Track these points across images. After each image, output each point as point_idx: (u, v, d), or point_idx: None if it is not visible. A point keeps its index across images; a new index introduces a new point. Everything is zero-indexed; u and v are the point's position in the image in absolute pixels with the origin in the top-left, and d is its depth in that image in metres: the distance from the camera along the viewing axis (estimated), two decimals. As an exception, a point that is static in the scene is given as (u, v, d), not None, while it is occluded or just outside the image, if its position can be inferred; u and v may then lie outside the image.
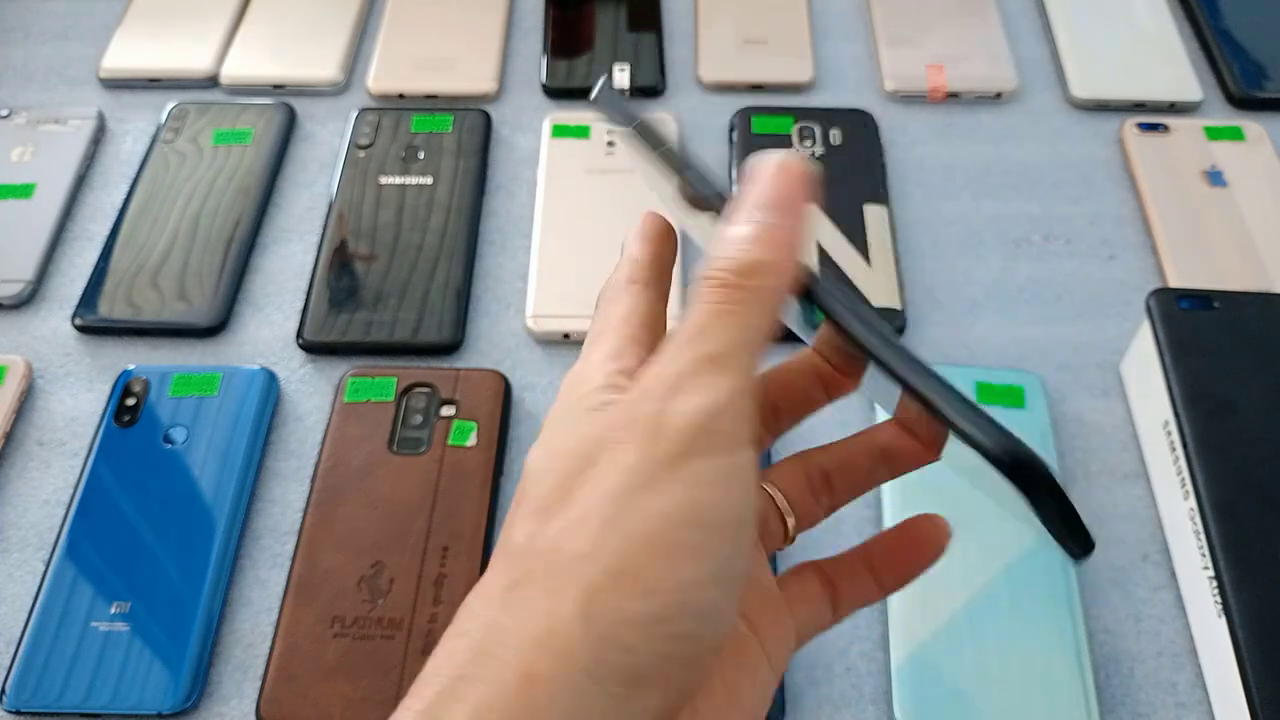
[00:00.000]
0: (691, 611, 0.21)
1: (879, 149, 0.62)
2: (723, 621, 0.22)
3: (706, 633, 0.21)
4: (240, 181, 0.60)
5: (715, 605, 0.21)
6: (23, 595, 0.46)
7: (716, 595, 0.21)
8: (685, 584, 0.21)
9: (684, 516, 0.21)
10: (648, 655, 0.21)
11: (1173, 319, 0.48)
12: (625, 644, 0.20)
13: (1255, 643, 0.40)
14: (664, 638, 0.21)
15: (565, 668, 0.20)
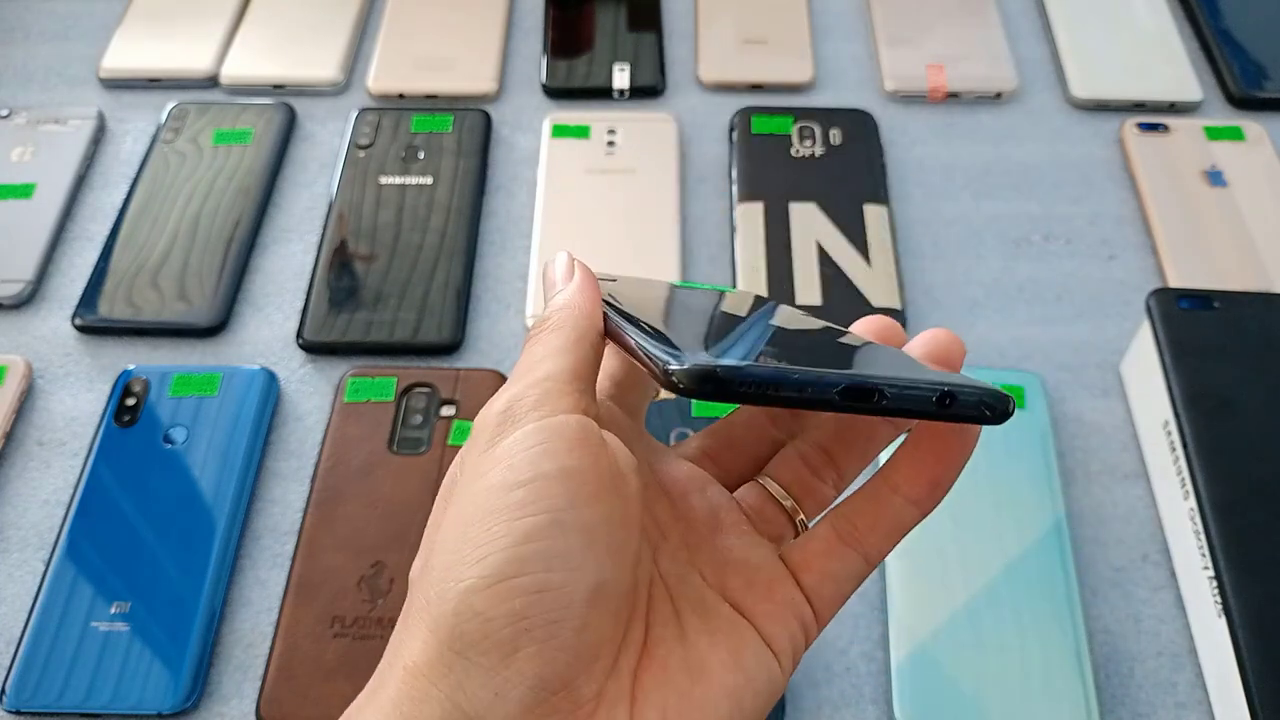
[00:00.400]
0: (532, 564, 0.21)
1: (879, 149, 0.62)
2: (575, 568, 0.22)
3: (561, 583, 0.21)
4: (240, 181, 0.60)
5: (558, 553, 0.22)
6: (23, 595, 0.46)
7: (558, 543, 0.22)
8: (516, 539, 0.21)
9: (501, 481, 0.22)
10: (502, 617, 0.21)
11: (1173, 319, 0.48)
12: (477, 611, 0.21)
13: (1255, 643, 0.40)
14: (510, 594, 0.21)
15: (435, 651, 0.21)
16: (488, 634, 0.21)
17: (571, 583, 0.22)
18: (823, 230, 0.57)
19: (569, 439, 0.23)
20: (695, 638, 0.24)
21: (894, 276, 0.55)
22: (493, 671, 0.21)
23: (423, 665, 0.21)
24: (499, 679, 0.21)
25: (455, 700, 0.21)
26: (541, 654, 0.21)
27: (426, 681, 0.21)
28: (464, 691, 0.21)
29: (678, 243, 0.58)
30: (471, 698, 0.21)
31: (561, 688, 0.22)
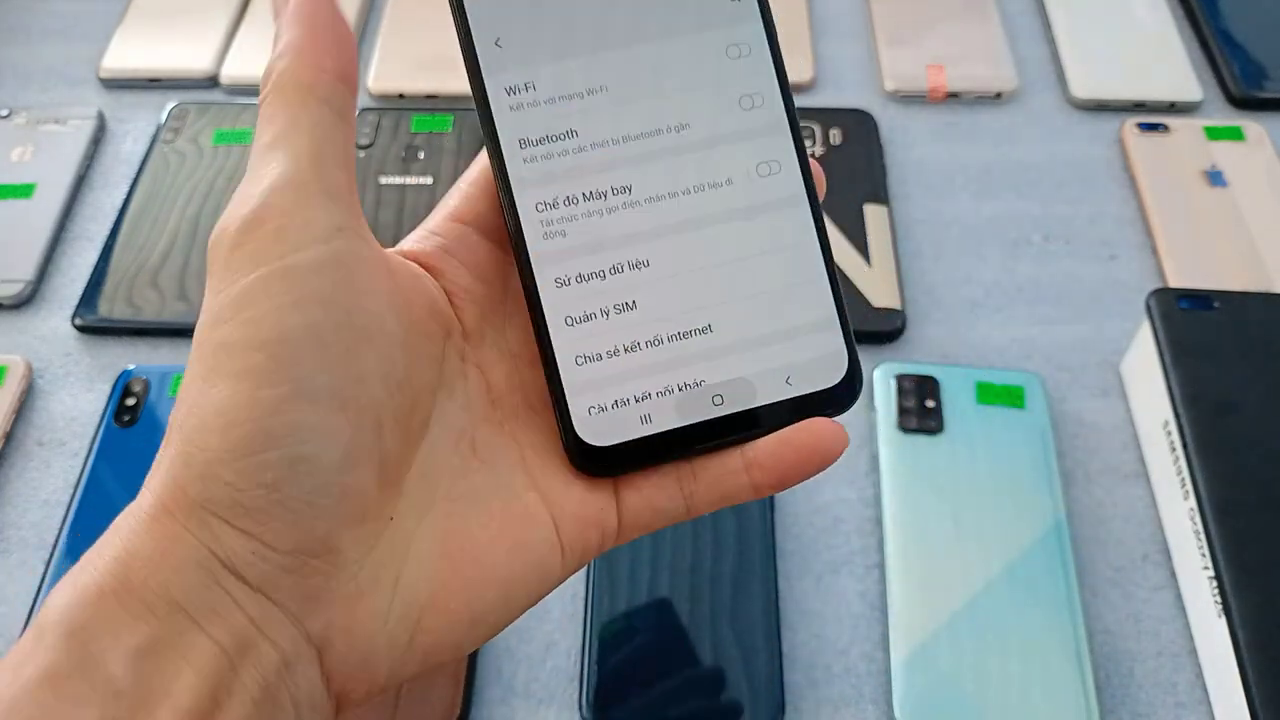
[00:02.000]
0: (281, 438, 0.20)
1: (879, 149, 0.62)
2: (331, 438, 0.20)
3: (313, 452, 0.20)
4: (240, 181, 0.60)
5: (310, 425, 0.20)
6: (23, 595, 0.46)
7: (309, 413, 0.20)
8: (265, 410, 0.20)
9: (242, 339, 0.20)
10: (253, 489, 0.20)
11: (1173, 319, 0.48)
12: (225, 480, 0.20)
13: (1255, 643, 0.40)
14: (260, 468, 0.20)
15: (186, 504, 0.20)
16: (240, 501, 0.20)
17: (323, 451, 0.20)
18: (823, 230, 0.57)
19: (316, 287, 0.21)
20: (486, 518, 0.23)
21: (894, 276, 0.55)
22: (248, 534, 0.20)
23: (174, 509, 0.20)
24: (255, 541, 0.20)
25: (211, 548, 0.20)
26: (298, 523, 0.20)
27: (178, 525, 0.20)
28: (220, 543, 0.20)
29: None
30: (228, 550, 0.20)
31: (324, 551, 0.21)
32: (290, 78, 0.22)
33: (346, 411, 0.21)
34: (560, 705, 0.43)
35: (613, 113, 0.24)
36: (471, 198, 0.25)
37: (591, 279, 0.24)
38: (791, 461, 0.24)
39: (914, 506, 0.47)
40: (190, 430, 0.20)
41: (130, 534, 0.20)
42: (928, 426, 0.49)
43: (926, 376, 0.50)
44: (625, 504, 0.24)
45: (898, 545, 0.46)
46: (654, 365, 0.24)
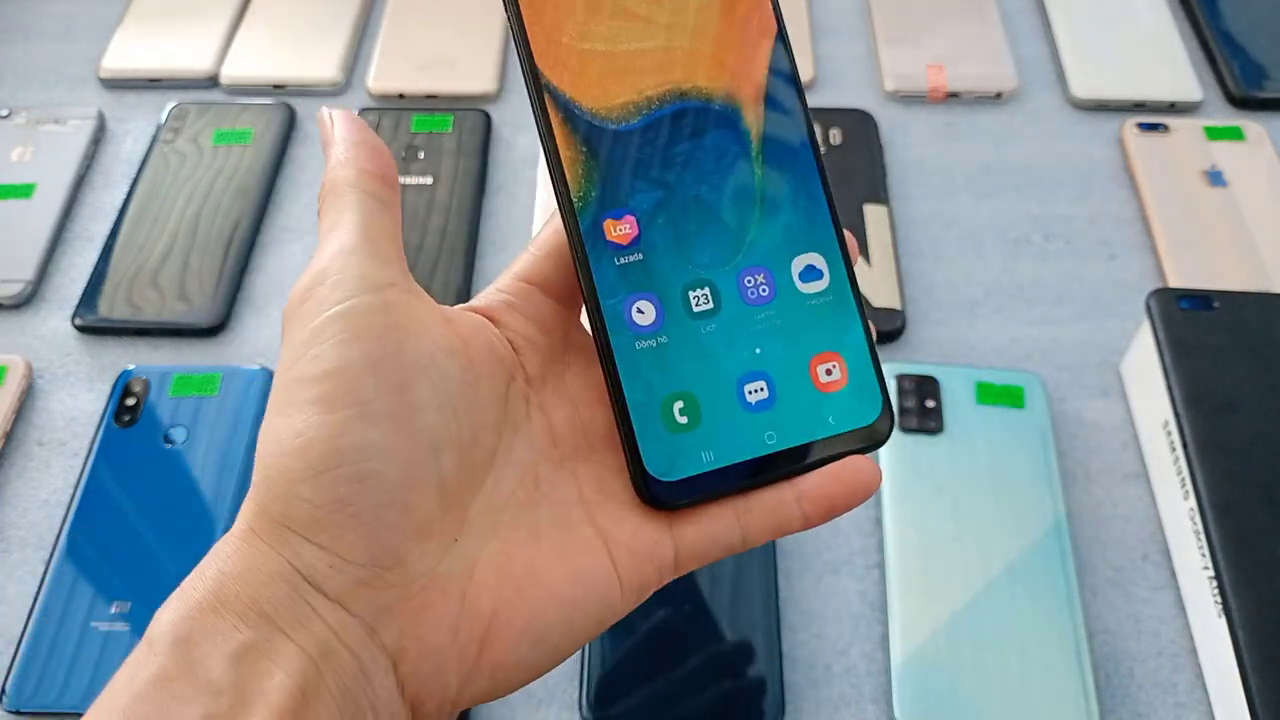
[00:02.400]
0: (349, 455, 0.23)
1: (879, 149, 0.62)
2: (395, 457, 0.23)
3: (378, 469, 0.23)
4: (240, 181, 0.60)
5: (373, 443, 0.23)
6: (23, 595, 0.46)
7: (371, 433, 0.23)
8: (333, 431, 0.23)
9: (310, 374, 0.23)
10: (328, 504, 0.22)
11: (1173, 319, 0.48)
12: (304, 497, 0.22)
13: (1255, 643, 0.40)
14: (334, 483, 0.22)
15: (270, 524, 0.23)
16: (317, 518, 0.22)
17: (388, 469, 0.23)
18: (823, 230, 0.57)
19: (369, 324, 0.24)
20: (546, 545, 0.25)
21: (894, 276, 0.55)
22: (325, 549, 0.23)
23: (260, 530, 0.23)
24: (332, 555, 0.23)
25: (293, 564, 0.23)
26: (370, 534, 0.23)
27: (264, 544, 0.23)
28: (300, 558, 0.23)
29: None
30: (308, 565, 0.23)
31: (393, 564, 0.23)
32: (339, 179, 0.26)
33: (403, 434, 0.23)
34: (560, 705, 0.43)
35: (685, 237, 0.27)
36: (538, 260, 0.28)
37: (660, 348, 0.26)
38: (839, 495, 0.26)
39: (914, 506, 0.47)
40: (271, 456, 0.23)
41: (224, 556, 0.23)
42: (928, 426, 0.49)
43: (926, 376, 0.50)
44: (682, 536, 0.26)
45: (898, 545, 0.46)
46: (714, 415, 0.26)
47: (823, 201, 0.28)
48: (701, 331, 0.27)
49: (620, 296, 0.26)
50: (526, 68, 0.26)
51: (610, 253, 0.26)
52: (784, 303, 0.27)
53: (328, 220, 0.26)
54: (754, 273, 0.27)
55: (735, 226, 0.27)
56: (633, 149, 0.27)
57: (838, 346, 0.27)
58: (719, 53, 0.27)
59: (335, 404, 0.23)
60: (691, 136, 0.27)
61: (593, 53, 0.26)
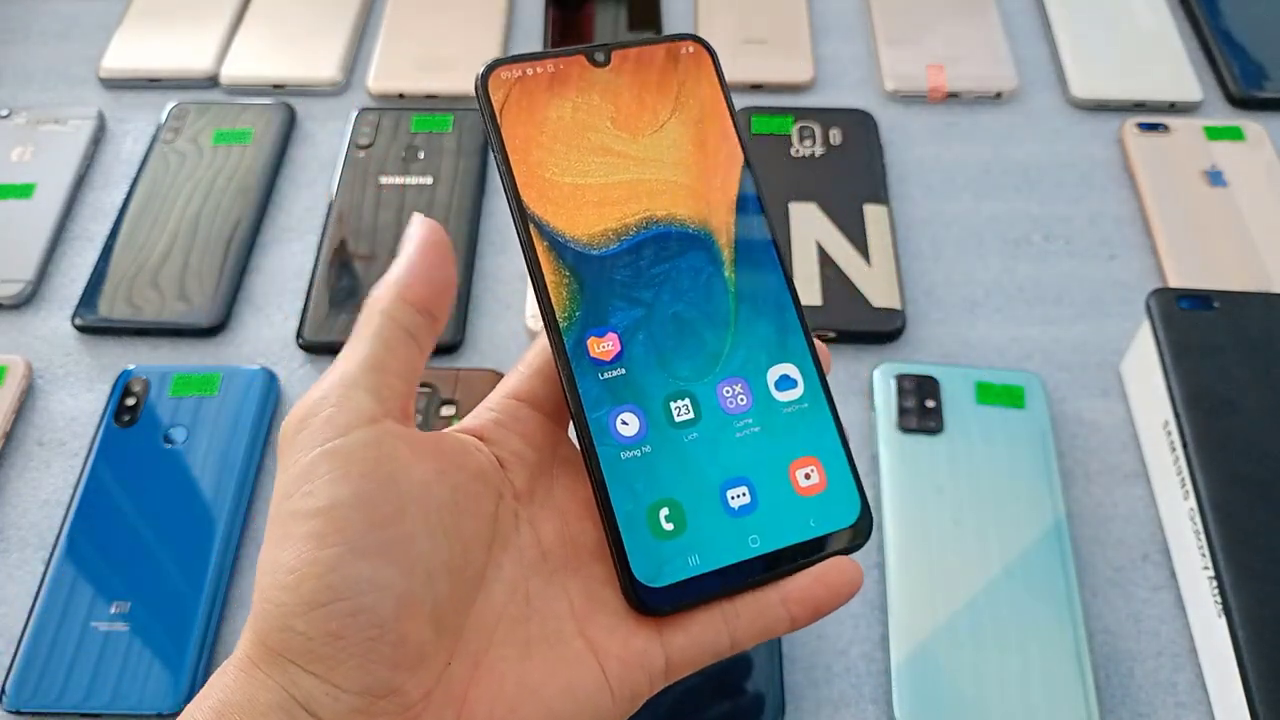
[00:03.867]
0: (341, 590, 0.23)
1: (879, 149, 0.62)
2: (385, 591, 0.23)
3: (371, 604, 0.23)
4: (240, 181, 0.60)
5: (364, 578, 0.23)
6: (23, 595, 0.46)
7: (363, 568, 0.23)
8: (324, 568, 0.23)
9: (303, 509, 0.24)
10: (321, 637, 0.23)
11: (1173, 319, 0.48)
12: (298, 630, 0.23)
13: (1255, 643, 0.40)
14: (326, 618, 0.23)
15: (267, 654, 0.23)
16: (311, 649, 0.23)
17: (379, 602, 0.23)
18: (823, 230, 0.57)
19: (361, 460, 0.24)
20: (538, 662, 0.26)
21: (894, 276, 0.55)
22: (321, 678, 0.23)
23: (258, 660, 0.23)
24: (328, 684, 0.23)
25: (290, 693, 0.23)
26: (363, 666, 0.23)
27: (263, 673, 0.23)
28: (298, 687, 0.23)
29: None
30: (305, 693, 0.23)
31: (387, 693, 0.23)
32: (374, 301, 0.27)
33: (395, 566, 0.24)
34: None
35: (665, 352, 0.29)
36: (526, 378, 0.29)
37: (645, 458, 0.28)
38: (823, 597, 0.27)
39: (914, 506, 0.47)
40: (267, 588, 0.23)
41: (224, 685, 0.24)
42: (928, 426, 0.49)
43: (926, 376, 0.50)
44: (671, 644, 0.27)
45: (898, 545, 0.46)
46: (698, 521, 0.27)
47: (793, 313, 0.29)
48: (684, 440, 0.28)
49: (605, 409, 0.27)
50: (512, 200, 0.28)
51: (594, 368, 0.28)
52: (761, 411, 0.28)
53: (349, 340, 0.27)
54: (731, 383, 0.28)
55: (712, 340, 0.29)
56: (613, 271, 0.28)
57: (815, 451, 0.29)
58: (690, 182, 0.29)
59: (326, 541, 0.23)
60: (668, 259, 0.29)
61: (573, 185, 0.28)
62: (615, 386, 0.28)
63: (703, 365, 0.28)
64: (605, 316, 0.28)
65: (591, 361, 0.28)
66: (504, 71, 0.28)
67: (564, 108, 0.28)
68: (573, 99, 0.29)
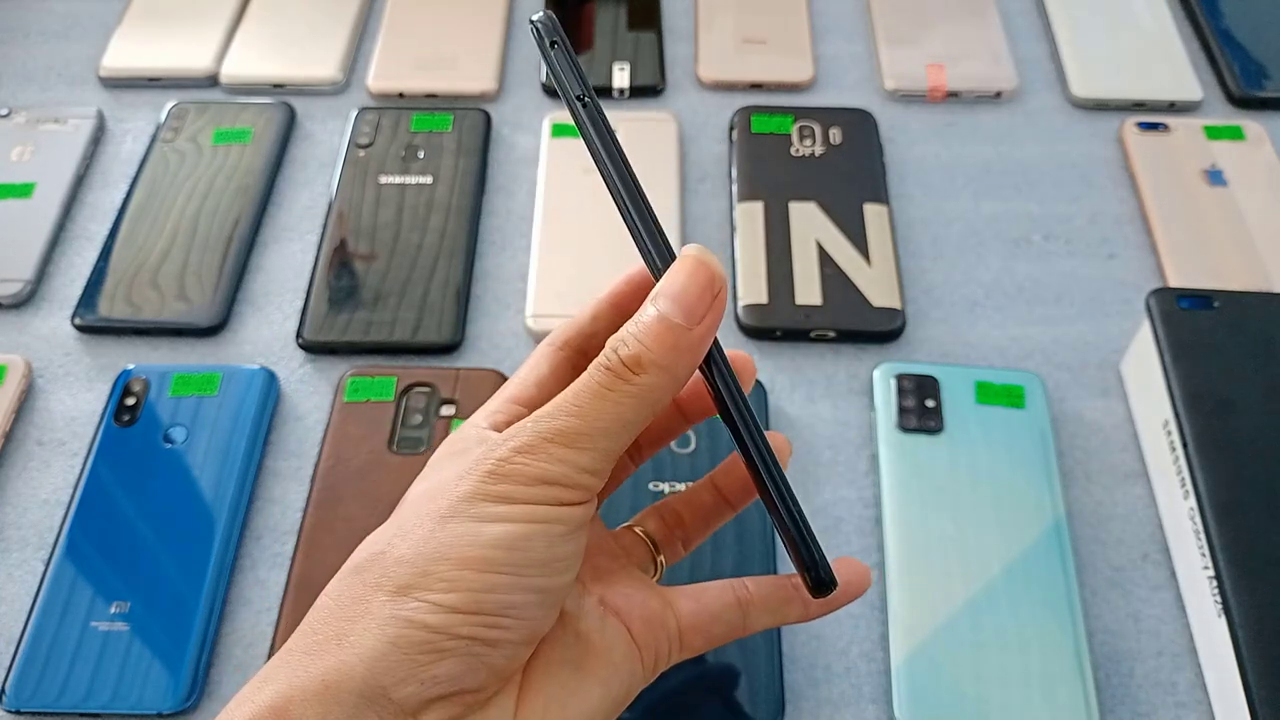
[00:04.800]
0: (489, 608, 0.24)
1: (879, 148, 0.61)
2: (521, 619, 0.25)
3: (508, 625, 0.24)
4: (240, 181, 0.60)
5: (513, 606, 0.24)
6: (23, 595, 0.46)
7: (515, 599, 0.24)
8: (483, 587, 0.24)
9: (490, 539, 0.24)
10: (448, 635, 0.24)
11: (1173, 319, 0.48)
12: (426, 624, 0.24)
13: (1255, 643, 0.40)
14: (463, 625, 0.24)
15: (374, 635, 0.24)
16: (429, 642, 0.24)
17: (516, 629, 0.25)
18: (823, 230, 0.57)
19: (563, 534, 0.25)
20: (582, 639, 0.27)
21: (894, 276, 0.55)
22: (422, 667, 0.24)
23: (354, 637, 0.24)
24: (422, 673, 0.24)
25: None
26: (469, 666, 0.24)
27: (357, 651, 0.24)
28: (385, 668, 0.24)
29: (678, 242, 0.58)
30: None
31: (475, 689, 0.25)
32: (656, 398, 0.26)
33: (542, 607, 0.26)
34: (560, 705, 0.43)
35: None
36: (526, 389, 0.30)
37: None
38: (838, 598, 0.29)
39: (914, 506, 0.47)
40: (409, 586, 0.25)
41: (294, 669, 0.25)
42: (928, 426, 0.49)
43: (926, 376, 0.50)
44: (681, 609, 0.29)
45: (898, 545, 0.46)
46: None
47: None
48: None
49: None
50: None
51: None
52: None
53: (613, 412, 0.25)
54: None
55: None
56: None
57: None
58: None
59: (499, 568, 0.24)
60: None
61: None
62: None
63: None
64: None
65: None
66: None
67: None
68: None
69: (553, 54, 0.27)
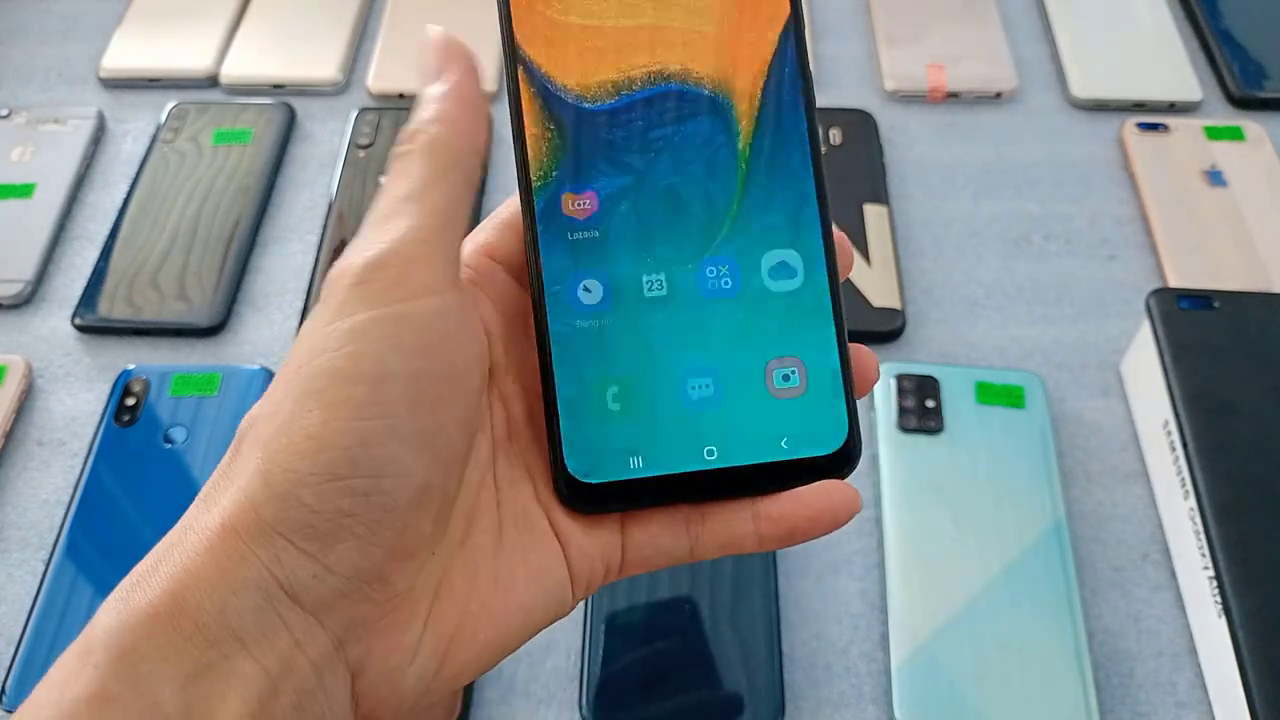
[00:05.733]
0: (365, 468, 0.21)
1: (879, 149, 0.62)
2: (408, 478, 0.22)
3: (389, 489, 0.21)
4: (240, 181, 0.60)
5: (394, 460, 0.21)
6: (23, 595, 0.46)
7: (395, 449, 0.21)
8: (355, 440, 0.21)
9: (346, 371, 0.21)
10: (328, 512, 0.21)
11: (1173, 319, 0.48)
12: (303, 502, 0.21)
13: (1255, 643, 0.40)
14: (339, 494, 0.21)
15: (255, 522, 0.21)
16: (312, 524, 0.21)
17: (399, 488, 0.21)
18: (823, 230, 0.57)
19: (423, 335, 0.22)
20: (510, 552, 0.24)
21: (894, 276, 0.55)
22: (312, 556, 0.21)
23: (241, 529, 0.21)
24: (317, 564, 0.21)
25: (272, 570, 0.21)
26: (360, 549, 0.21)
27: (244, 544, 0.21)
28: (281, 565, 0.21)
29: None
30: (289, 572, 0.21)
31: (376, 579, 0.22)
32: (442, 144, 0.24)
33: (425, 455, 0.22)
34: (560, 705, 0.43)
35: (650, 226, 0.25)
36: (500, 233, 0.26)
37: (602, 331, 0.25)
38: (801, 518, 0.24)
39: (914, 506, 0.47)
40: (277, 450, 0.21)
41: (190, 554, 0.21)
42: (928, 426, 0.49)
43: (926, 376, 0.50)
44: (630, 540, 0.25)
45: (898, 545, 0.46)
46: (650, 412, 0.24)
47: (813, 204, 0.26)
48: (650, 318, 0.25)
49: (567, 272, 0.24)
50: (505, 36, 0.25)
51: (565, 227, 0.25)
52: (747, 297, 0.25)
53: (407, 185, 0.23)
54: (717, 264, 0.25)
55: (706, 221, 0.25)
56: (607, 129, 0.25)
57: (801, 352, 0.25)
58: (718, 33, 0.25)
59: (365, 412, 0.21)
60: (673, 122, 0.25)
61: (578, 25, 0.25)
62: (584, 249, 0.24)
63: (690, 247, 0.25)
64: (588, 177, 0.25)
65: (564, 220, 0.25)
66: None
67: None
68: None
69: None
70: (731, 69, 0.25)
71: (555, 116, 0.25)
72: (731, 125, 0.25)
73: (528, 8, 0.25)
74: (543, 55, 0.25)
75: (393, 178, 0.24)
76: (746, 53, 0.25)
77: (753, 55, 0.25)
